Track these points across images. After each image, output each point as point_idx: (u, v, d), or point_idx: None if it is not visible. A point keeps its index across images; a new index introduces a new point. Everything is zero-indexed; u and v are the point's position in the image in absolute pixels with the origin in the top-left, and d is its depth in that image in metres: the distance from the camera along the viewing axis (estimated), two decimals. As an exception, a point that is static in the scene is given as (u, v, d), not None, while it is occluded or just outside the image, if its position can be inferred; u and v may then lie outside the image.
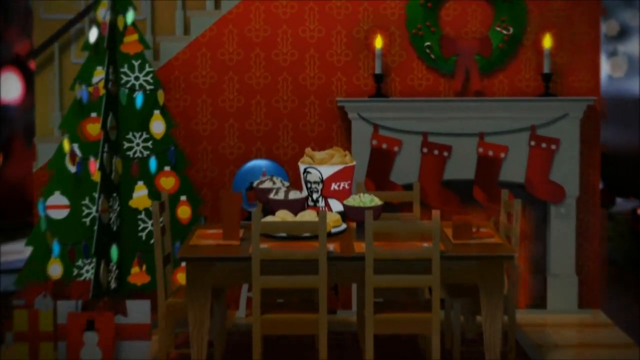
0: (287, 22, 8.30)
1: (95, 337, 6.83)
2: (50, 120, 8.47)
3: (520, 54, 8.33)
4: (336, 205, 6.80)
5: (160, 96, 7.66)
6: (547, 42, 8.21)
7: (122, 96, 7.62)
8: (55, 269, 7.56)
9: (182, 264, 7.54)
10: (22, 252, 8.38)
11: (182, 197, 7.71)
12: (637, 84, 11.03)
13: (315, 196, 6.80)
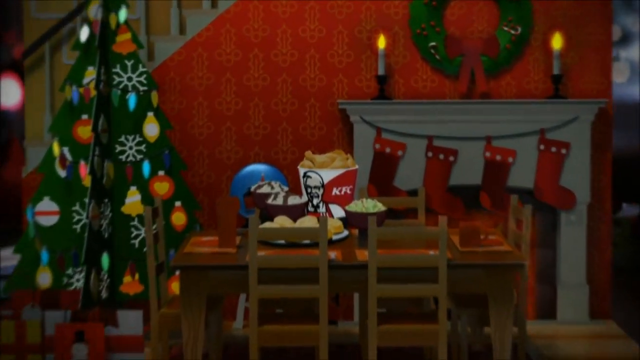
0: (286, 21, 8.28)
1: (84, 349, 6.79)
2: (41, 122, 8.49)
3: (527, 55, 8.30)
4: (338, 211, 6.76)
5: (154, 97, 7.64)
6: (556, 42, 8.16)
7: (114, 97, 7.61)
8: (44, 278, 7.57)
9: (176, 273, 7.52)
10: (15, 259, 8.38)
11: (177, 203, 7.69)
12: (637, 89, 11.12)
13: (315, 201, 6.77)
